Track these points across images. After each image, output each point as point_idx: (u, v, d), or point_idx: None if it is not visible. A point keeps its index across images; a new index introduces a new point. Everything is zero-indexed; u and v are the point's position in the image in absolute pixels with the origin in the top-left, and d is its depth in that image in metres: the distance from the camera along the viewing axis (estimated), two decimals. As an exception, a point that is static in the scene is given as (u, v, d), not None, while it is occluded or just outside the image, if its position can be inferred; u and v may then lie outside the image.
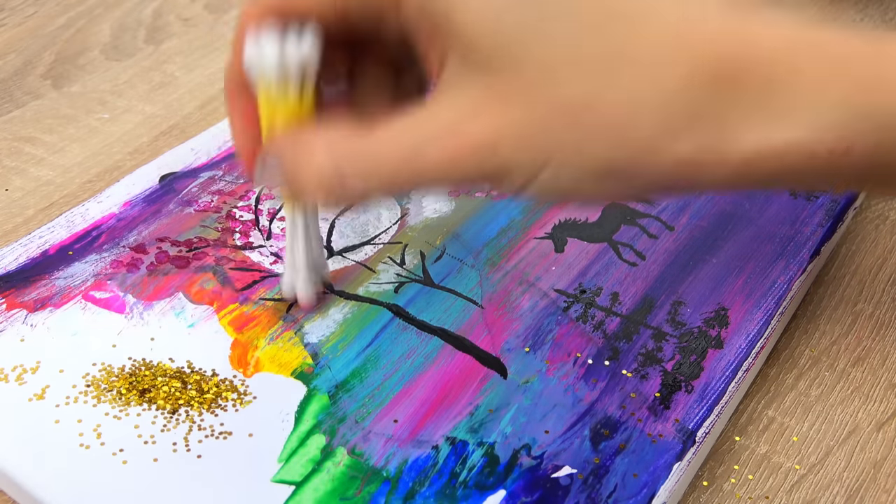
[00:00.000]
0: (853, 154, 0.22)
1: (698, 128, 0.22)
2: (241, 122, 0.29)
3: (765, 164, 0.22)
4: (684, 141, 0.22)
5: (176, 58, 0.56)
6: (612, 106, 0.22)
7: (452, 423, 0.31)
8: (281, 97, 0.27)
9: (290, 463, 0.30)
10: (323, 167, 0.25)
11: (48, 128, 0.49)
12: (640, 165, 0.23)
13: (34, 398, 0.31)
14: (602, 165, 0.23)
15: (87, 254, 0.38)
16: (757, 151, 0.22)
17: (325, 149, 0.25)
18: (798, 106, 0.22)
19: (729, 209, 0.41)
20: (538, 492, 0.29)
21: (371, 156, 0.25)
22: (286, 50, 0.27)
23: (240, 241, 0.39)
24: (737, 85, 0.22)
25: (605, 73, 0.22)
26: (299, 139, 0.26)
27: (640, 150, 0.22)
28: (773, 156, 0.22)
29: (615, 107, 0.22)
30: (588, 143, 0.23)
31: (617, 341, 0.35)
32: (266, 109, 0.28)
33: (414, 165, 0.24)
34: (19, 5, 0.61)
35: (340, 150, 0.25)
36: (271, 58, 0.27)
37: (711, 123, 0.22)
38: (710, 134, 0.22)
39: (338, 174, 0.25)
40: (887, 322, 0.38)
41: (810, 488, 0.32)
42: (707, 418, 0.32)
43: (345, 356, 0.34)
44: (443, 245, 0.39)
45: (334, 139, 0.26)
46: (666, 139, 0.22)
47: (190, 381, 0.32)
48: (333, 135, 0.26)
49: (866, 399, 0.35)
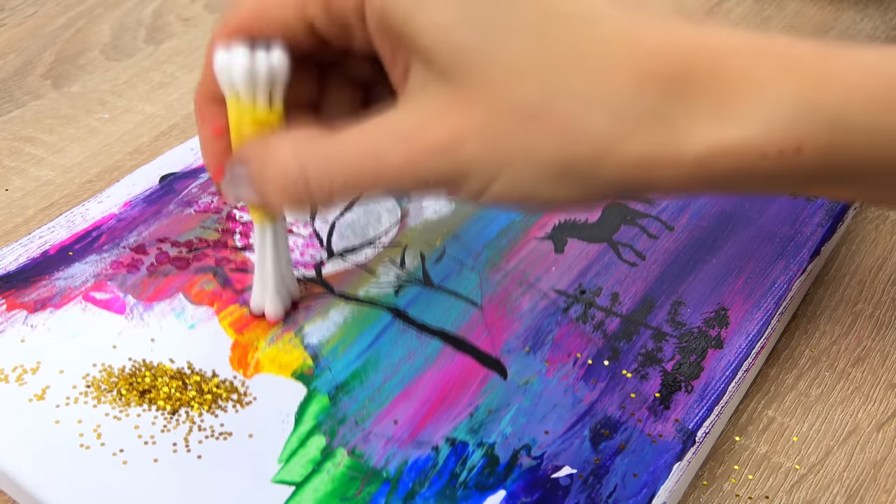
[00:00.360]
0: (804, 154, 0.22)
1: (650, 128, 0.22)
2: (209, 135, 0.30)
3: (718, 164, 0.23)
4: (637, 141, 0.23)
5: (176, 58, 0.56)
6: (564, 108, 0.23)
7: (452, 424, 0.31)
8: (249, 108, 0.28)
9: (290, 463, 0.30)
10: (288, 168, 0.26)
11: (48, 128, 0.49)
12: (595, 166, 0.23)
13: (34, 398, 0.31)
14: (557, 167, 0.23)
15: (87, 254, 0.38)
16: (709, 151, 0.22)
17: (290, 150, 0.26)
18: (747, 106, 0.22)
19: (729, 209, 0.41)
20: (538, 492, 0.29)
21: (334, 156, 0.25)
22: (256, 60, 0.27)
23: (240, 243, 0.39)
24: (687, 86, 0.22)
25: (557, 76, 0.23)
26: (265, 143, 0.27)
27: (594, 150, 0.23)
28: (725, 155, 0.22)
29: (568, 109, 0.23)
30: (543, 144, 0.23)
31: (617, 341, 0.35)
32: (235, 120, 0.28)
33: (377, 166, 0.25)
34: (19, 5, 0.61)
35: (305, 151, 0.26)
36: (241, 66, 0.27)
37: (663, 124, 0.22)
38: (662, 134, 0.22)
39: (302, 175, 0.26)
40: (887, 322, 0.38)
41: (810, 488, 0.32)
42: (707, 418, 0.32)
43: (345, 357, 0.34)
44: (443, 246, 0.39)
45: (299, 140, 0.26)
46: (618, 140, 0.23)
47: (190, 382, 0.32)
48: (298, 136, 0.26)
49: (866, 399, 0.35)
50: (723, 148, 0.22)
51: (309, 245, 0.39)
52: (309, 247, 0.39)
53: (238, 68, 0.27)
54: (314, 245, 0.39)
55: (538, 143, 0.23)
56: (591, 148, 0.23)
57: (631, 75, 0.22)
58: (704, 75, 0.22)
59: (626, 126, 0.22)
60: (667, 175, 0.23)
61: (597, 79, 0.23)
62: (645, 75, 0.22)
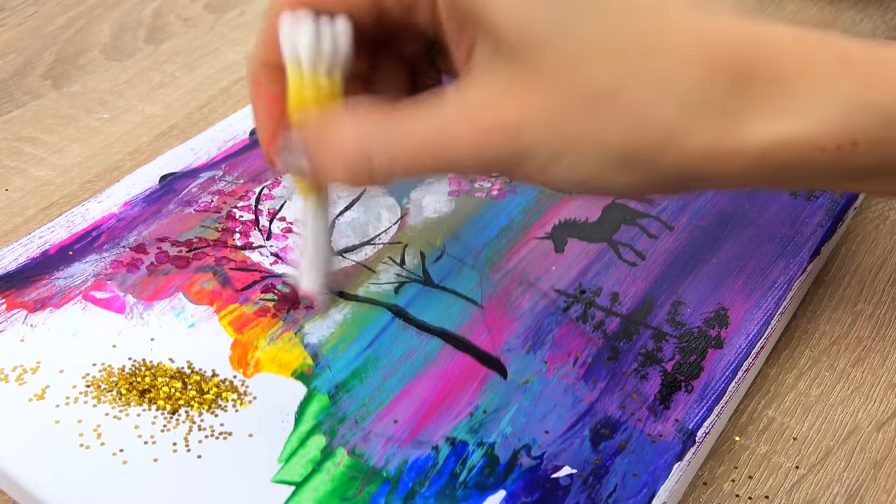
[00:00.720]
0: (859, 148, 0.23)
1: (715, 120, 0.23)
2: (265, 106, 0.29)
3: (777, 157, 0.23)
4: (702, 133, 0.23)
5: (176, 58, 0.56)
6: (634, 96, 0.23)
7: (452, 424, 0.31)
8: (310, 78, 0.28)
9: (290, 463, 0.30)
10: (349, 145, 0.26)
11: (48, 128, 0.49)
12: (659, 156, 0.23)
13: (34, 398, 0.31)
14: (621, 154, 0.23)
15: (87, 254, 0.38)
16: (769, 143, 0.23)
17: (353, 127, 0.26)
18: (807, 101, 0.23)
19: (729, 209, 0.41)
20: (538, 492, 0.29)
21: (398, 135, 0.25)
22: (322, 33, 0.27)
23: (240, 242, 0.39)
24: (751, 80, 0.23)
25: (628, 64, 0.23)
26: (327, 119, 0.27)
27: (660, 140, 0.23)
28: (785, 148, 0.23)
29: (637, 96, 0.23)
30: (609, 131, 0.23)
31: (617, 341, 0.35)
32: (294, 89, 0.28)
33: (440, 146, 0.25)
34: (19, 5, 0.61)
35: (368, 129, 0.26)
36: (307, 36, 0.27)
37: (727, 116, 0.23)
38: (726, 126, 0.23)
39: (364, 152, 0.25)
40: (887, 322, 0.38)
41: (810, 488, 0.32)
42: (707, 418, 0.32)
43: (345, 357, 0.34)
44: (443, 245, 0.39)
45: (362, 118, 0.26)
46: (684, 130, 0.23)
47: (190, 382, 0.32)
48: (361, 113, 0.26)
49: (866, 399, 0.35)
50: (783, 141, 0.23)
51: (309, 245, 0.39)
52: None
53: (304, 37, 0.27)
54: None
55: (604, 127, 0.23)
56: (658, 135, 0.23)
57: (701, 66, 0.23)
58: (765, 70, 0.23)
59: (692, 116, 0.23)
60: (728, 166, 0.23)
61: (668, 67, 0.23)
62: (714, 67, 0.23)
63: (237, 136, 0.46)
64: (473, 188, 0.43)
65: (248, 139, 0.46)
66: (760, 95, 0.23)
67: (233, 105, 0.51)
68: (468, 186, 0.43)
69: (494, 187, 0.43)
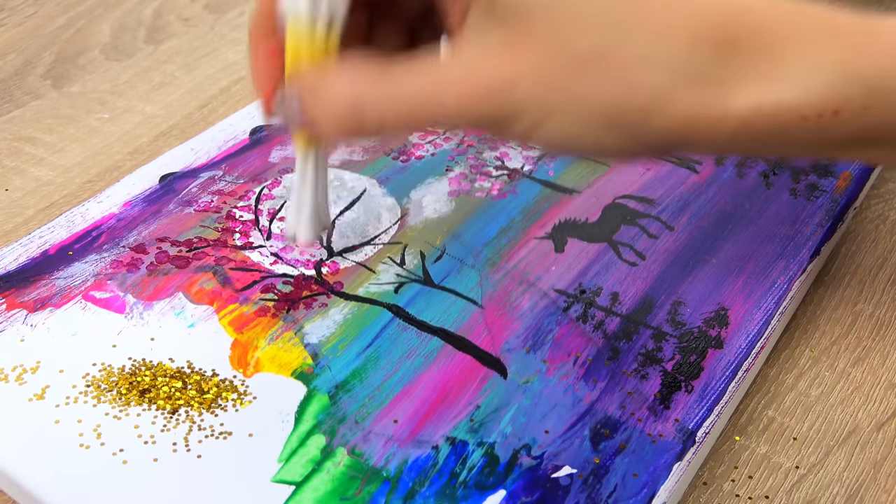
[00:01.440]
0: (841, 117, 0.23)
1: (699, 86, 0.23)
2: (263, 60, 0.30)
3: (759, 124, 0.24)
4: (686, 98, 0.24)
5: (176, 58, 0.56)
6: (621, 59, 0.23)
7: (452, 423, 0.31)
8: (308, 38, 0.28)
9: (290, 463, 0.30)
10: (341, 98, 0.26)
11: (48, 128, 0.49)
12: (644, 119, 0.24)
13: (34, 398, 0.31)
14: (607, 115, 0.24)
15: (87, 254, 0.38)
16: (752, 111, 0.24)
17: (346, 81, 0.26)
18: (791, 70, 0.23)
19: (729, 209, 0.41)
20: (538, 492, 0.29)
21: (391, 90, 0.26)
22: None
23: (240, 242, 0.39)
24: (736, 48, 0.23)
25: (617, 28, 0.24)
26: (321, 72, 0.27)
27: (645, 103, 0.24)
28: (767, 115, 0.24)
29: (625, 60, 0.23)
30: (595, 92, 0.24)
31: (617, 341, 0.35)
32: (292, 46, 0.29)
33: (432, 102, 0.25)
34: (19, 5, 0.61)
35: (361, 83, 0.26)
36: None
37: (711, 83, 0.23)
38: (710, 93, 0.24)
39: (356, 106, 0.26)
40: (887, 322, 0.38)
41: (810, 488, 0.32)
42: (707, 418, 0.32)
43: (345, 356, 0.34)
44: (443, 245, 0.39)
45: (356, 72, 0.27)
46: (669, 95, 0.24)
47: (190, 382, 0.32)
48: (356, 68, 0.27)
49: (866, 399, 0.35)
50: (765, 108, 0.23)
51: (309, 245, 0.39)
52: (309, 246, 0.39)
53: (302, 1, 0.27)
54: (314, 244, 0.39)
55: (591, 89, 0.24)
56: (643, 100, 0.24)
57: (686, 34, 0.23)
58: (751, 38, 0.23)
59: (677, 82, 0.23)
60: (711, 132, 0.24)
61: (655, 34, 0.23)
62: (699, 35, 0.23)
63: (237, 136, 0.46)
64: (473, 188, 0.43)
65: (248, 139, 0.46)
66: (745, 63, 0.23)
67: (233, 105, 0.51)
68: (468, 186, 0.43)
69: (494, 187, 0.43)
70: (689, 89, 0.23)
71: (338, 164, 0.44)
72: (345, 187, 0.42)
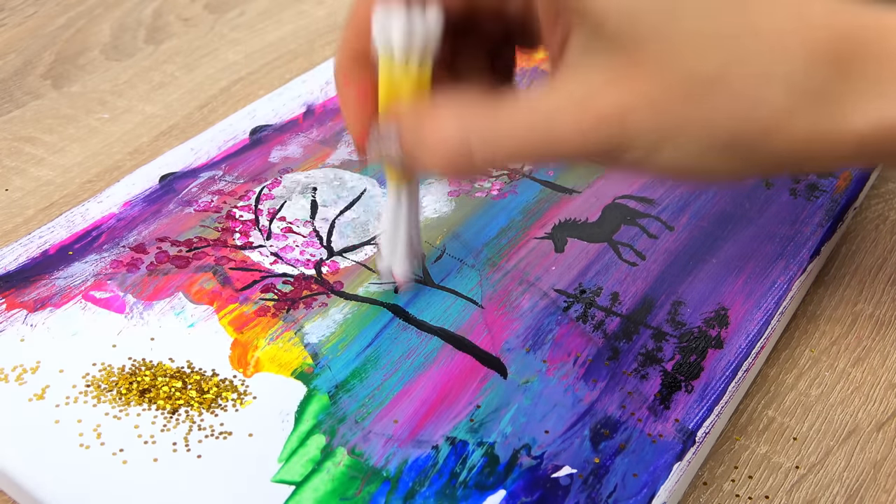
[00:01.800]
0: None
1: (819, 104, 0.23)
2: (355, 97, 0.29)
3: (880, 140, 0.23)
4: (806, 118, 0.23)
5: (176, 58, 0.56)
6: (739, 81, 0.23)
7: (452, 423, 0.31)
8: (403, 71, 0.28)
9: (290, 463, 0.30)
10: (451, 137, 0.26)
11: (48, 128, 0.49)
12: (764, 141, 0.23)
13: (34, 398, 0.31)
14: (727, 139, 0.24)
15: (87, 254, 0.38)
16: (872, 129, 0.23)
17: (455, 119, 0.26)
18: None
19: (729, 209, 0.41)
20: (538, 492, 0.29)
21: (501, 128, 0.25)
22: (414, 23, 0.27)
23: (240, 241, 0.39)
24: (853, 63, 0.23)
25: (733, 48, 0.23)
26: (425, 110, 0.27)
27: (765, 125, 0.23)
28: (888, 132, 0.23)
29: (742, 82, 0.23)
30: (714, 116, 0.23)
31: (617, 341, 0.35)
32: (385, 79, 0.28)
33: (543, 137, 0.25)
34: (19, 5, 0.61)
35: (470, 121, 0.26)
36: (400, 26, 0.27)
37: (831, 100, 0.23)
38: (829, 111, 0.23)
39: (465, 142, 0.25)
40: (887, 322, 0.38)
41: (810, 488, 0.32)
42: (707, 418, 0.32)
43: (345, 356, 0.34)
44: (443, 245, 0.39)
45: (463, 108, 0.26)
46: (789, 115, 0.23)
47: (190, 381, 0.32)
48: (462, 104, 0.26)
49: (866, 399, 0.35)
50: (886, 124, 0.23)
51: (309, 244, 0.39)
52: (309, 245, 0.39)
53: (398, 28, 0.27)
54: (314, 244, 0.39)
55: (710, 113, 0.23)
56: (763, 122, 0.23)
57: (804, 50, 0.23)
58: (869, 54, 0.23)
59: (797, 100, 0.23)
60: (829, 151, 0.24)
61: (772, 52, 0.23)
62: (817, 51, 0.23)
63: (237, 136, 0.46)
64: (473, 188, 0.43)
65: (248, 139, 0.46)
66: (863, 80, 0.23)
67: (233, 105, 0.51)
68: (468, 186, 0.43)
69: (494, 187, 0.43)
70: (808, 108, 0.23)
71: (338, 164, 0.44)
72: (345, 187, 0.42)
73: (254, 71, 0.55)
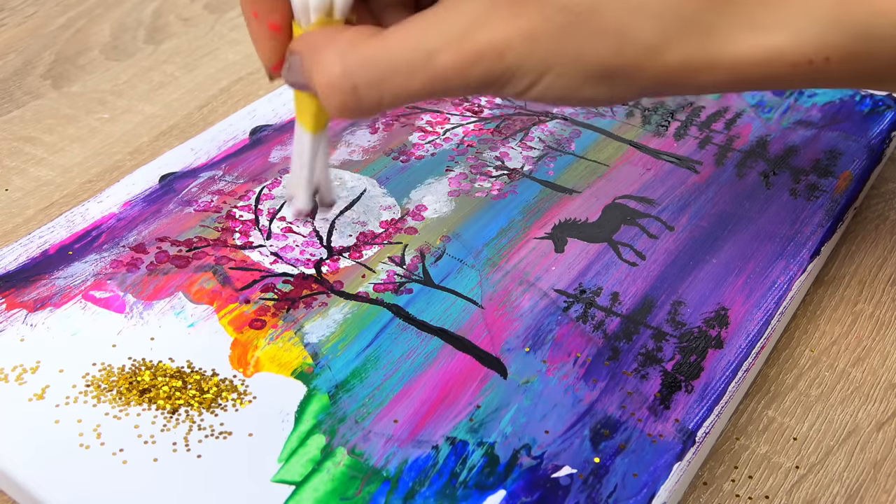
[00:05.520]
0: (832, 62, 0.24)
1: (691, 35, 0.24)
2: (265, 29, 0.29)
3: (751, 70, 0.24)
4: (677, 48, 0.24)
5: (176, 58, 0.56)
6: (611, 15, 0.24)
7: (452, 423, 0.31)
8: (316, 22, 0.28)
9: (290, 463, 0.30)
10: (334, 68, 0.26)
11: (48, 128, 0.49)
12: (637, 69, 0.24)
13: (34, 398, 0.31)
14: (601, 69, 0.24)
15: (87, 253, 0.38)
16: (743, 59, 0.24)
17: (335, 56, 0.26)
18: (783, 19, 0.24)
19: (729, 209, 0.41)
20: (538, 492, 0.29)
21: (381, 61, 0.25)
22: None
23: (240, 241, 0.39)
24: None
25: None
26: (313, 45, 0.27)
27: (637, 56, 0.24)
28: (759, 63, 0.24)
29: (615, 16, 0.24)
30: (588, 50, 0.24)
31: (617, 341, 0.35)
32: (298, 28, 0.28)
33: (425, 76, 0.25)
34: (19, 5, 0.61)
35: (350, 57, 0.26)
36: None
37: (703, 32, 0.24)
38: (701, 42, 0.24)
39: (349, 82, 0.25)
40: (887, 322, 0.38)
41: (810, 488, 0.32)
42: (707, 418, 0.32)
43: (345, 356, 0.34)
44: (443, 245, 0.39)
45: (344, 46, 0.26)
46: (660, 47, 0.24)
47: (190, 381, 0.32)
48: (344, 41, 0.26)
49: (866, 399, 0.35)
50: (756, 56, 0.24)
51: (309, 244, 0.39)
52: (309, 245, 0.39)
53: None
54: (314, 244, 0.39)
55: (584, 47, 0.24)
56: (635, 54, 0.24)
57: None
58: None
59: (668, 33, 0.24)
60: (702, 79, 0.24)
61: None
62: None
63: (237, 136, 0.46)
64: (473, 188, 0.43)
65: (248, 139, 0.46)
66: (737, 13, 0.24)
67: (233, 105, 0.51)
68: (468, 186, 0.43)
69: (495, 187, 0.43)
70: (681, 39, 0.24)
71: (338, 165, 0.44)
72: (345, 187, 0.42)
73: (254, 71, 0.55)
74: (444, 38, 0.25)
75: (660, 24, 0.23)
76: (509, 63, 0.24)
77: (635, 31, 0.24)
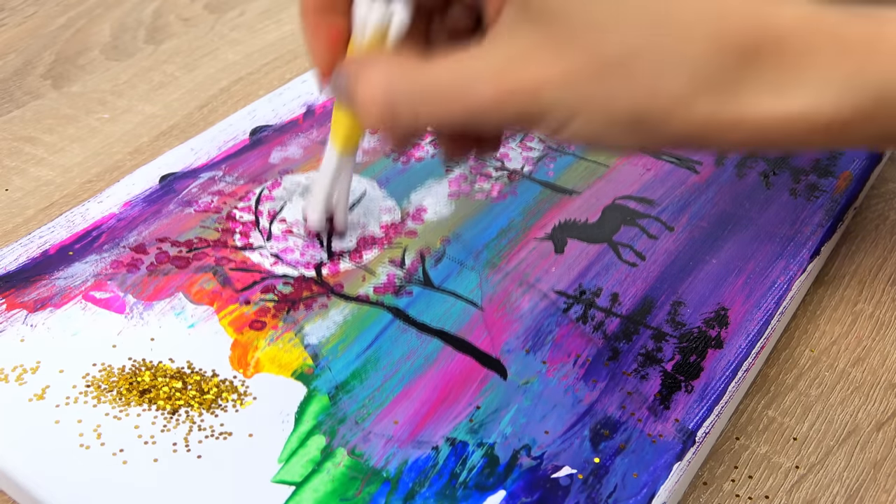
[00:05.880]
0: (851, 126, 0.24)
1: (717, 92, 0.24)
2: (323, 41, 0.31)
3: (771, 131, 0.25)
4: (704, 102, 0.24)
5: (176, 58, 0.56)
6: (644, 65, 0.24)
7: (452, 424, 0.31)
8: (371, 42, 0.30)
9: (290, 463, 0.30)
10: (376, 87, 0.27)
11: (48, 128, 0.49)
12: (663, 121, 0.25)
13: (34, 398, 0.31)
14: (629, 118, 0.25)
15: (87, 254, 0.38)
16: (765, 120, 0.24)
17: (383, 76, 0.27)
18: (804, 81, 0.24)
19: (729, 209, 0.41)
20: (538, 492, 0.29)
21: (423, 87, 0.27)
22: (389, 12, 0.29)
23: (240, 242, 0.39)
24: (756, 57, 0.24)
25: (641, 35, 0.24)
26: (363, 62, 0.28)
27: (665, 107, 0.25)
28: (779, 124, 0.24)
29: (647, 66, 0.24)
30: (619, 97, 0.25)
31: (617, 342, 0.35)
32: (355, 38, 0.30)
33: (462, 100, 0.26)
34: (19, 5, 0.61)
35: (396, 79, 0.27)
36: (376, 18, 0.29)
37: (730, 91, 0.24)
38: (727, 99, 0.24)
39: (389, 95, 0.27)
40: (887, 322, 0.38)
41: (810, 488, 0.32)
42: (707, 418, 0.32)
43: (345, 357, 0.34)
44: (443, 247, 0.39)
45: (391, 67, 0.27)
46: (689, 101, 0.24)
47: (190, 382, 0.32)
48: (392, 63, 0.28)
49: (866, 399, 0.35)
50: (778, 117, 0.24)
51: (309, 245, 0.39)
52: (309, 247, 0.39)
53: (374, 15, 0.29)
54: (314, 245, 0.39)
55: (615, 93, 0.25)
56: (664, 104, 0.24)
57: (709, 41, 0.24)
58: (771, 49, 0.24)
59: (697, 87, 0.24)
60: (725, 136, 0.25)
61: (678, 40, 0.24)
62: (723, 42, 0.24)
63: (237, 136, 0.46)
64: (473, 190, 0.43)
65: (248, 139, 0.46)
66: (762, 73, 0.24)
67: (233, 105, 0.51)
68: (468, 188, 0.43)
69: (494, 189, 0.43)
70: (708, 93, 0.24)
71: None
72: (345, 187, 0.42)
73: (254, 71, 0.55)
74: (485, 72, 0.26)
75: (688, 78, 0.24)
76: (544, 103, 0.25)
77: (665, 83, 0.24)
